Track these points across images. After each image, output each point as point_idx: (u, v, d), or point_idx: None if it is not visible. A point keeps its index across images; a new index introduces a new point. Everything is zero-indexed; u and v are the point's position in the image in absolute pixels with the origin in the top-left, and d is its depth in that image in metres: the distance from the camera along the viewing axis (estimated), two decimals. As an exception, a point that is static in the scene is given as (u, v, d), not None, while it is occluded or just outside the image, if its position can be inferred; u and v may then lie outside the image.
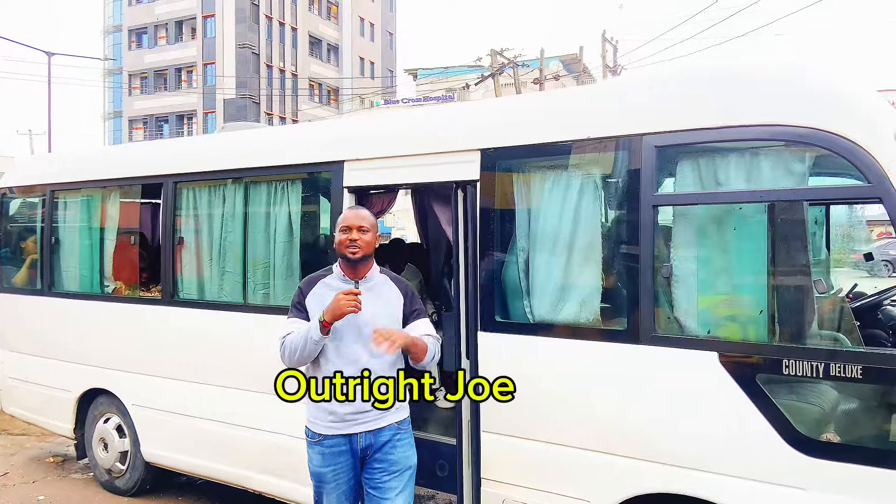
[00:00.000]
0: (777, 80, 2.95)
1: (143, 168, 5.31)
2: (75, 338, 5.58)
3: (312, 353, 2.92)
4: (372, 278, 3.08)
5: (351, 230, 2.99)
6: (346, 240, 2.98)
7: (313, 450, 3.05)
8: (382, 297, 3.05)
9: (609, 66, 24.62)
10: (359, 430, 2.97)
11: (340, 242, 3.00)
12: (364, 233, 3.00)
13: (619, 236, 3.29)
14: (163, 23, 49.59)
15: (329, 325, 2.84)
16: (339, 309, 2.80)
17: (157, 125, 50.02)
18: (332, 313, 2.82)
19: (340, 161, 4.17)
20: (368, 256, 3.03)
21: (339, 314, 2.81)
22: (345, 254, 2.99)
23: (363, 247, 2.99)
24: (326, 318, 2.82)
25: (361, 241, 2.98)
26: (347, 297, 2.80)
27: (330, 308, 2.82)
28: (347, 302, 2.79)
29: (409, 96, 41.93)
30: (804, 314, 2.91)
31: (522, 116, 3.68)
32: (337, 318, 2.82)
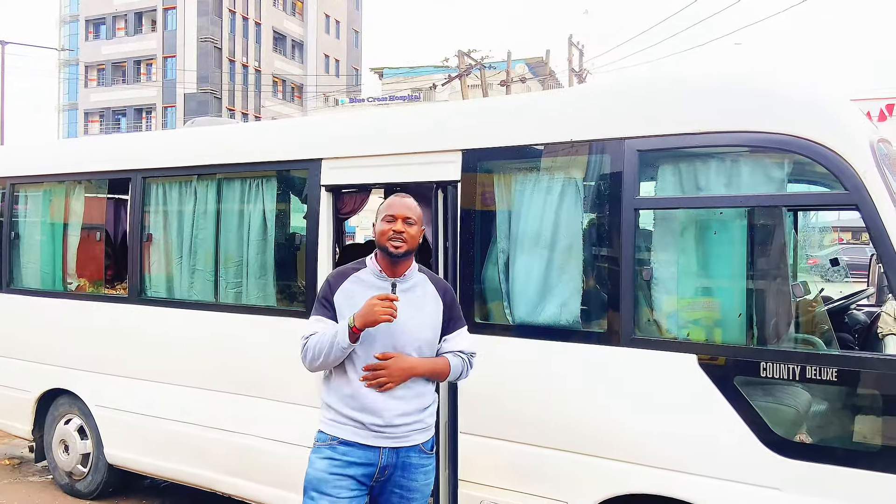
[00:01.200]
0: (757, 88, 3.02)
1: (111, 162, 5.16)
2: (35, 336, 5.39)
3: (338, 359, 2.60)
4: (411, 277, 2.73)
5: (396, 220, 2.63)
6: (390, 230, 2.62)
7: (320, 454, 2.67)
8: (421, 300, 2.70)
9: (575, 71, 24.90)
10: (384, 444, 2.63)
11: (382, 233, 2.64)
12: (410, 225, 2.65)
13: (600, 239, 3.31)
14: (122, 14, 48.41)
15: (359, 331, 2.52)
16: (373, 315, 2.48)
17: (114, 118, 48.79)
18: (363, 319, 2.49)
19: (318, 159, 4.11)
20: (411, 252, 2.69)
21: (372, 322, 2.49)
22: (386, 247, 2.63)
23: (408, 241, 2.64)
24: (357, 323, 2.50)
25: (407, 235, 2.63)
26: (383, 304, 2.47)
27: (362, 313, 2.50)
28: (383, 309, 2.47)
29: (375, 95, 41.72)
30: (782, 317, 2.97)
31: (505, 118, 3.68)
32: (369, 326, 2.51)
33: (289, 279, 4.41)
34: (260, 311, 4.32)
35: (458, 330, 2.79)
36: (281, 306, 4.32)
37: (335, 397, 2.67)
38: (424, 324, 2.69)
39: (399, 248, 2.63)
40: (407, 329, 2.61)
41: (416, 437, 2.69)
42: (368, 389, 2.61)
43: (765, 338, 2.96)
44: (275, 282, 4.39)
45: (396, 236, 2.62)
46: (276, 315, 4.24)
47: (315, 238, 4.09)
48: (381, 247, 2.67)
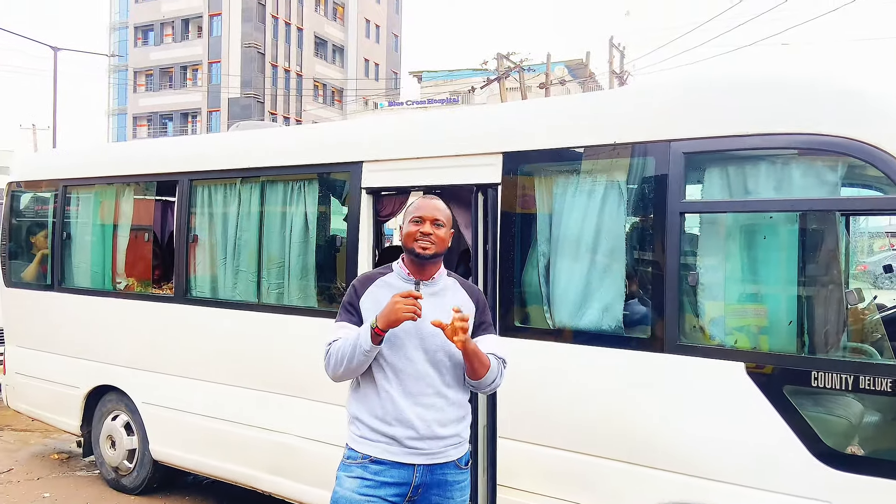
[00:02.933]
0: (808, 89, 2.92)
1: (159, 165, 5.28)
2: (85, 334, 5.55)
3: (363, 365, 2.47)
4: (439, 281, 2.62)
5: (424, 221, 2.53)
6: (417, 232, 2.52)
7: (350, 472, 2.52)
8: (450, 303, 2.52)
9: (616, 73, 24.63)
10: (419, 461, 2.48)
11: (409, 235, 2.54)
12: (439, 227, 2.54)
13: (644, 243, 3.26)
14: (169, 20, 49.66)
15: (383, 332, 2.39)
16: (395, 314, 2.34)
17: (161, 122, 50.05)
18: (386, 318, 2.37)
19: (359, 162, 4.14)
20: (439, 255, 2.58)
21: (395, 320, 2.35)
22: (413, 248, 2.53)
23: (437, 243, 2.53)
24: (380, 324, 2.37)
25: (435, 237, 2.52)
26: (406, 301, 2.35)
27: (384, 312, 2.38)
28: (405, 306, 2.34)
29: (414, 98, 41.94)
30: (833, 325, 2.88)
31: (546, 120, 3.65)
32: (392, 325, 2.37)
33: (329, 280, 4.45)
34: (301, 312, 4.37)
35: (490, 335, 2.67)
36: (321, 307, 4.35)
37: (365, 410, 2.54)
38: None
39: (427, 250, 2.52)
40: (437, 331, 2.44)
41: (451, 452, 2.56)
42: (402, 399, 2.47)
43: (816, 346, 2.87)
44: (316, 283, 4.44)
45: (424, 238, 2.52)
46: (317, 316, 4.28)
47: (355, 240, 4.11)
48: (408, 249, 2.57)
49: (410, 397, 2.49)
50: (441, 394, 2.53)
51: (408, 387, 2.49)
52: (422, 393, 2.50)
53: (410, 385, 2.50)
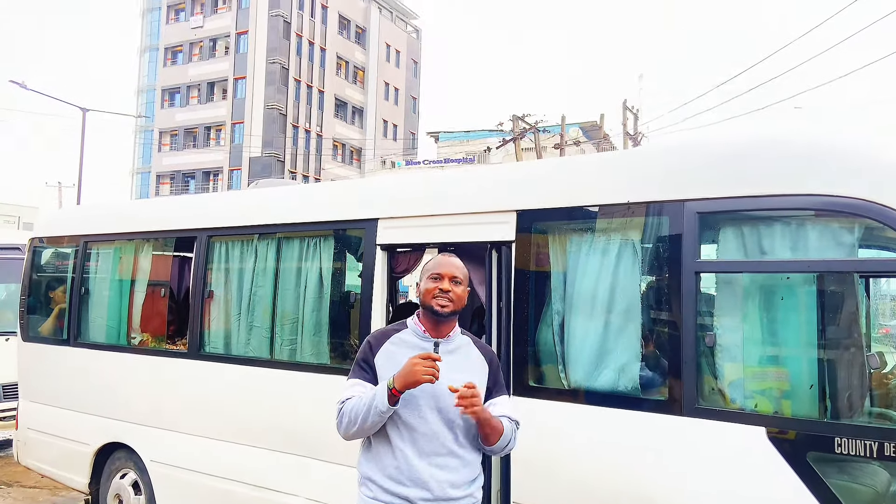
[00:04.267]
0: (821, 150, 2.93)
1: (179, 222, 5.37)
2: (97, 390, 5.54)
3: (376, 425, 2.43)
4: (454, 339, 2.60)
5: (443, 279, 2.53)
6: (437, 289, 2.52)
7: None
8: (465, 362, 2.55)
9: (630, 134, 24.90)
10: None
11: (428, 291, 2.54)
12: (457, 284, 2.55)
13: (659, 302, 3.22)
14: (195, 83, 51.34)
15: (400, 393, 2.37)
16: (414, 376, 2.32)
17: (183, 181, 51.13)
18: (403, 380, 2.34)
19: (375, 219, 4.18)
20: (456, 313, 2.57)
21: (413, 382, 2.33)
22: (432, 306, 2.52)
23: (455, 301, 2.53)
24: (397, 384, 2.35)
25: (454, 294, 2.53)
26: (425, 363, 2.32)
27: (402, 373, 2.35)
28: (424, 369, 2.32)
29: (431, 158, 42.61)
30: (856, 390, 2.80)
31: (560, 179, 3.68)
32: (410, 387, 2.35)
33: (343, 337, 4.43)
34: (314, 369, 4.34)
35: (502, 396, 2.64)
36: (334, 364, 4.32)
37: (377, 470, 2.49)
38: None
39: (445, 308, 2.52)
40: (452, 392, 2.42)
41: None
42: (416, 458, 2.43)
43: (839, 411, 2.79)
44: (329, 339, 4.42)
45: (443, 295, 2.52)
46: (330, 373, 4.24)
47: (370, 296, 4.11)
48: (426, 306, 2.56)
49: (425, 457, 2.44)
50: (455, 454, 2.48)
51: (422, 446, 2.45)
52: (436, 452, 2.45)
53: (424, 444, 2.45)
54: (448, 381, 2.40)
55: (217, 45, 50.89)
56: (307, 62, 50.65)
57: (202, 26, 50.92)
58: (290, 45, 49.08)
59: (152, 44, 54.47)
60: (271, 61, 47.79)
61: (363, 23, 56.54)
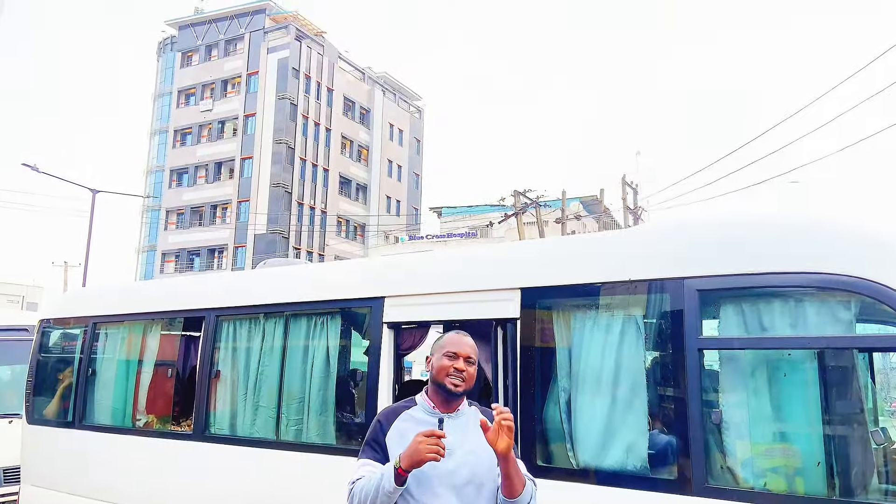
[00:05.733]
0: (817, 229, 3.03)
1: (187, 302, 5.44)
2: (100, 473, 5.47)
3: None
4: (462, 413, 2.62)
5: (458, 358, 2.56)
6: (451, 367, 2.54)
7: None
8: (474, 432, 2.49)
9: (630, 208, 25.28)
10: None
11: (443, 369, 2.55)
12: (471, 364, 2.58)
13: (665, 379, 3.25)
14: (203, 164, 52.56)
15: (406, 472, 2.36)
16: (418, 454, 2.31)
17: (188, 258, 51.56)
18: (409, 459, 2.33)
19: (381, 297, 4.25)
20: (467, 392, 2.61)
21: (419, 461, 2.32)
22: (445, 384, 2.54)
23: (467, 380, 2.56)
24: (403, 464, 2.34)
25: (467, 374, 2.56)
26: (429, 440, 2.32)
27: (407, 452, 2.35)
28: (429, 447, 2.30)
29: (434, 233, 43.07)
30: (865, 466, 2.79)
31: (563, 257, 3.77)
32: (415, 466, 2.34)
33: (349, 416, 4.42)
34: (320, 450, 4.31)
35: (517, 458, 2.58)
36: (340, 444, 4.30)
37: None
38: (482, 457, 2.50)
39: (459, 388, 2.54)
40: (464, 464, 2.45)
41: None
42: None
43: (849, 488, 2.77)
44: (335, 419, 4.41)
45: (457, 374, 2.54)
46: (337, 454, 4.21)
47: (376, 373, 4.14)
48: (438, 383, 2.58)
49: None
50: None
51: None
52: None
53: None
54: (463, 450, 2.43)
55: (225, 127, 52.41)
56: (313, 142, 52.03)
57: (211, 109, 52.59)
58: (297, 126, 50.54)
59: (162, 126, 56.12)
60: (278, 141, 49.11)
61: (367, 104, 58.38)
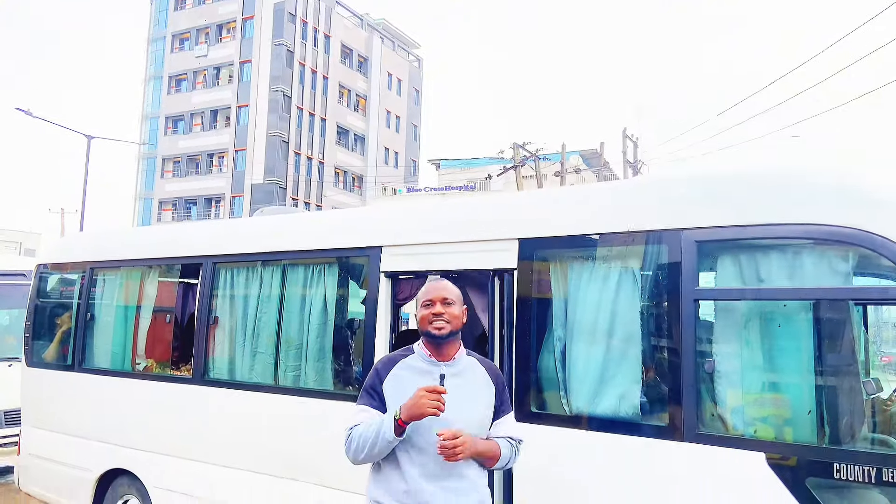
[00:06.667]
0: (816, 181, 3.02)
1: (185, 249, 5.44)
2: (100, 415, 5.55)
3: (384, 452, 2.50)
4: (459, 361, 2.65)
5: (434, 303, 2.61)
6: (430, 315, 2.60)
7: None
8: (472, 385, 2.62)
9: (630, 162, 25.13)
10: None
11: (423, 319, 2.62)
12: (449, 305, 2.61)
13: (659, 329, 3.27)
14: (199, 111, 51.87)
15: (405, 424, 2.43)
16: (419, 409, 2.38)
17: (185, 207, 51.37)
18: (409, 412, 2.40)
19: (378, 246, 4.25)
20: (456, 333, 2.64)
21: (419, 415, 2.39)
22: (429, 331, 2.60)
23: (451, 321, 2.59)
24: (403, 416, 2.41)
25: (448, 315, 2.59)
26: (430, 396, 2.38)
27: (408, 405, 2.41)
28: (430, 402, 2.38)
29: (432, 185, 42.86)
30: (855, 416, 2.84)
31: (561, 208, 3.76)
32: (415, 419, 2.41)
33: (346, 363, 4.47)
34: (318, 395, 4.37)
35: (507, 415, 2.70)
36: (337, 390, 4.36)
37: (386, 493, 2.54)
38: (477, 410, 2.59)
39: (442, 330, 2.59)
40: (461, 416, 2.51)
41: None
42: (424, 481, 2.48)
43: (838, 437, 2.83)
44: (332, 366, 4.46)
45: (437, 318, 2.59)
46: (334, 399, 4.28)
47: (373, 323, 4.16)
48: (424, 332, 2.64)
49: (433, 480, 2.50)
50: (462, 476, 2.54)
51: (430, 469, 2.50)
52: (444, 476, 2.51)
53: (433, 467, 2.50)
54: (458, 403, 2.49)
55: (221, 74, 51.51)
56: (310, 90, 51.26)
57: (206, 55, 51.59)
58: (293, 74, 49.71)
59: (157, 72, 55.13)
60: (274, 89, 48.37)
61: (365, 52, 57.31)
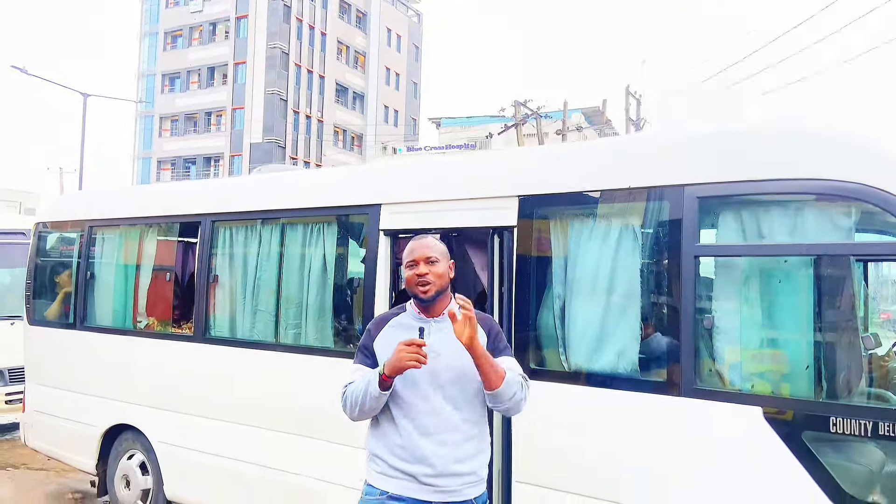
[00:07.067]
0: (821, 136, 2.97)
1: (183, 207, 5.41)
2: (104, 373, 5.61)
3: (375, 408, 2.52)
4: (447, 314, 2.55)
5: (417, 263, 2.56)
6: (414, 276, 2.56)
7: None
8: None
9: (632, 120, 24.87)
10: (436, 498, 2.50)
11: (409, 280, 2.59)
12: (433, 264, 2.57)
13: (659, 286, 3.27)
14: (196, 68, 51.17)
15: (390, 379, 2.44)
16: (399, 362, 2.38)
17: (184, 166, 51.11)
18: (391, 367, 2.41)
19: (378, 204, 4.22)
20: (442, 292, 2.59)
21: (399, 368, 2.39)
22: (415, 293, 2.58)
23: (434, 281, 2.56)
24: (386, 371, 2.42)
25: (432, 275, 2.55)
26: (409, 349, 2.37)
27: (389, 360, 2.42)
28: (409, 355, 2.36)
29: (432, 144, 42.52)
30: (852, 371, 2.86)
31: (561, 164, 3.72)
32: (398, 373, 2.42)
33: (346, 321, 4.49)
34: (318, 353, 4.40)
35: (506, 356, 2.64)
36: (337, 348, 4.38)
37: (384, 447, 2.57)
38: (468, 360, 2.48)
39: (427, 292, 2.56)
40: (451, 367, 2.51)
41: (468, 491, 2.55)
42: (418, 436, 2.50)
43: (835, 391, 2.85)
44: (332, 324, 4.48)
45: (421, 280, 2.55)
46: (334, 356, 4.30)
47: (373, 281, 4.16)
48: (412, 294, 2.62)
49: (426, 435, 2.51)
50: (457, 429, 2.54)
51: (424, 424, 2.52)
52: (438, 430, 2.52)
53: (426, 422, 2.52)
54: (449, 356, 2.48)
55: (217, 30, 50.65)
56: (307, 47, 50.45)
57: (202, 10, 50.64)
58: (291, 30, 48.86)
59: (151, 28, 54.18)
60: (271, 46, 47.59)
61: (364, 7, 56.23)
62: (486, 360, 2.44)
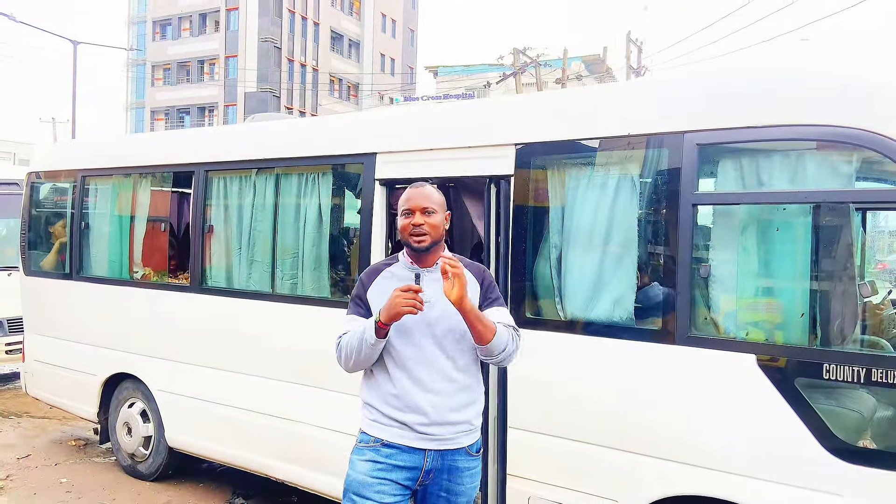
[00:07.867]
0: (824, 80, 2.90)
1: (176, 156, 5.34)
2: (102, 323, 5.63)
3: (371, 357, 2.50)
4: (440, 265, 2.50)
5: (413, 213, 2.52)
6: (409, 225, 2.52)
7: (362, 455, 2.56)
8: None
9: (633, 68, 24.49)
10: (429, 447, 2.51)
11: (403, 229, 2.54)
12: (430, 214, 2.53)
13: (656, 235, 3.25)
14: (187, 15, 49.99)
15: (386, 326, 2.42)
16: (395, 308, 2.35)
17: (178, 116, 50.45)
18: (387, 313, 2.38)
19: (373, 153, 4.16)
20: (437, 243, 2.56)
21: (396, 314, 2.36)
22: (409, 242, 2.55)
23: (430, 231, 2.53)
24: (382, 318, 2.39)
25: (428, 226, 2.52)
26: (405, 295, 2.34)
27: (386, 306, 2.39)
28: (405, 301, 2.33)
29: (430, 93, 41.92)
30: (847, 318, 2.86)
31: (559, 112, 3.65)
32: (393, 320, 2.39)
33: (342, 271, 4.49)
34: (314, 302, 4.41)
35: (499, 307, 2.61)
36: (334, 297, 4.39)
37: (377, 397, 2.57)
38: None
39: (422, 242, 2.53)
40: (443, 316, 2.48)
41: (462, 439, 2.57)
42: (412, 386, 2.50)
43: (828, 339, 2.86)
44: (329, 274, 4.47)
45: (417, 229, 2.52)
46: (330, 306, 4.31)
47: (369, 231, 4.14)
48: (405, 243, 2.59)
49: (420, 384, 2.52)
50: (451, 378, 2.54)
51: (417, 373, 2.52)
52: (431, 379, 2.52)
53: (420, 371, 2.52)
54: (441, 305, 2.43)
55: (208, -26, 49.28)
56: (301, -8, 49.20)
57: (192, -46, 49.17)
58: (283, -26, 47.59)
59: (141, -27, 52.72)
60: (264, -10, 46.41)
61: (359, -50, 54.64)
62: (475, 316, 2.43)
